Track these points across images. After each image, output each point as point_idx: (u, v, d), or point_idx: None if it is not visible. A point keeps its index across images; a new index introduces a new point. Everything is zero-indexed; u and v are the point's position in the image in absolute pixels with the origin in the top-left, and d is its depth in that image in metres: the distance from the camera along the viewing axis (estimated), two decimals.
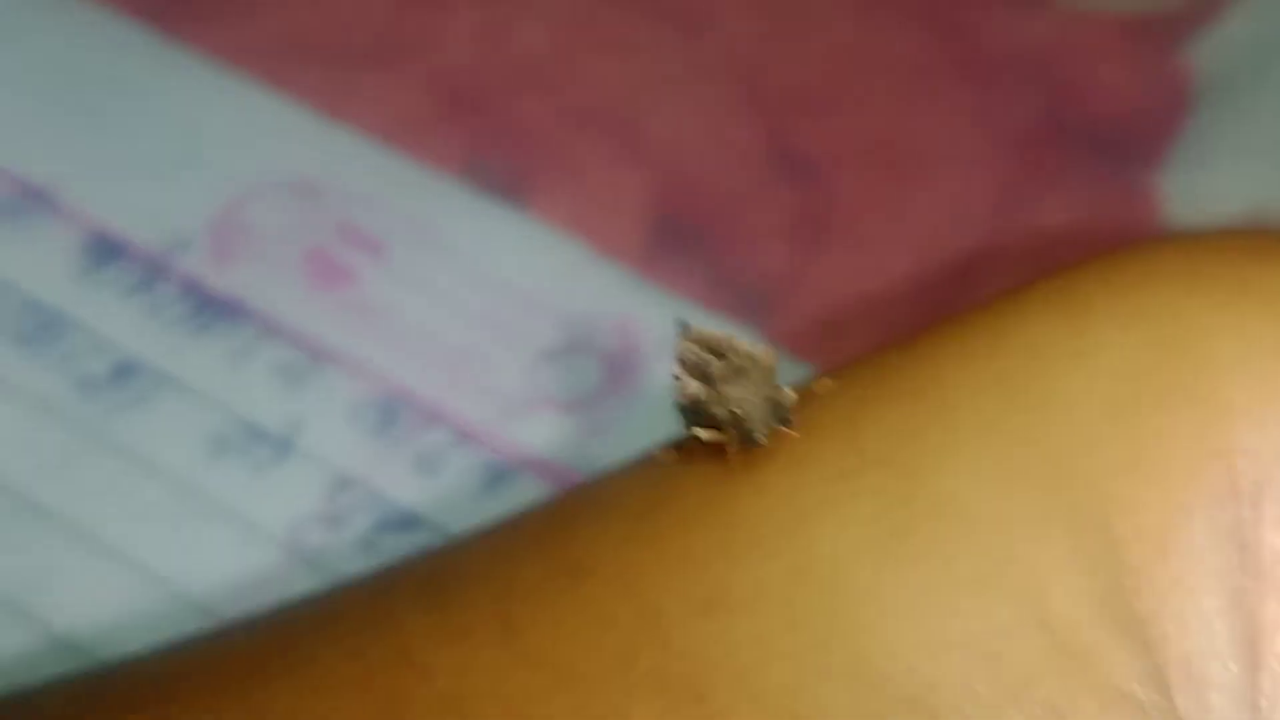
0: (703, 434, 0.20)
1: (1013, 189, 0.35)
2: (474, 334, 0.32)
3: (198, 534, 0.30)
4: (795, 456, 0.20)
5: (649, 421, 0.31)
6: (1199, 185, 0.35)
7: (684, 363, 0.21)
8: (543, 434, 0.31)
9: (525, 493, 0.30)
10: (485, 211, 0.34)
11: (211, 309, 0.32)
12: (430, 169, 0.34)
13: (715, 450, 0.20)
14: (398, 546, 0.30)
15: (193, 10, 0.37)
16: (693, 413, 0.21)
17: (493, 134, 0.35)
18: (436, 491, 0.30)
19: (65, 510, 0.30)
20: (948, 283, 0.34)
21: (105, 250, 0.33)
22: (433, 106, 0.36)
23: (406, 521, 0.30)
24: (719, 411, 0.20)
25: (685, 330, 0.21)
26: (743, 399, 0.20)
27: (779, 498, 0.20)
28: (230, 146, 0.35)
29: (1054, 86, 0.37)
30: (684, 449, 0.21)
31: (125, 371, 0.32)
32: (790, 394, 0.20)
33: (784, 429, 0.20)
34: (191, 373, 0.31)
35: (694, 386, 0.21)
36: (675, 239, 0.34)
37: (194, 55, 0.36)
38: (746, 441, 0.20)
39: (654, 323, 0.32)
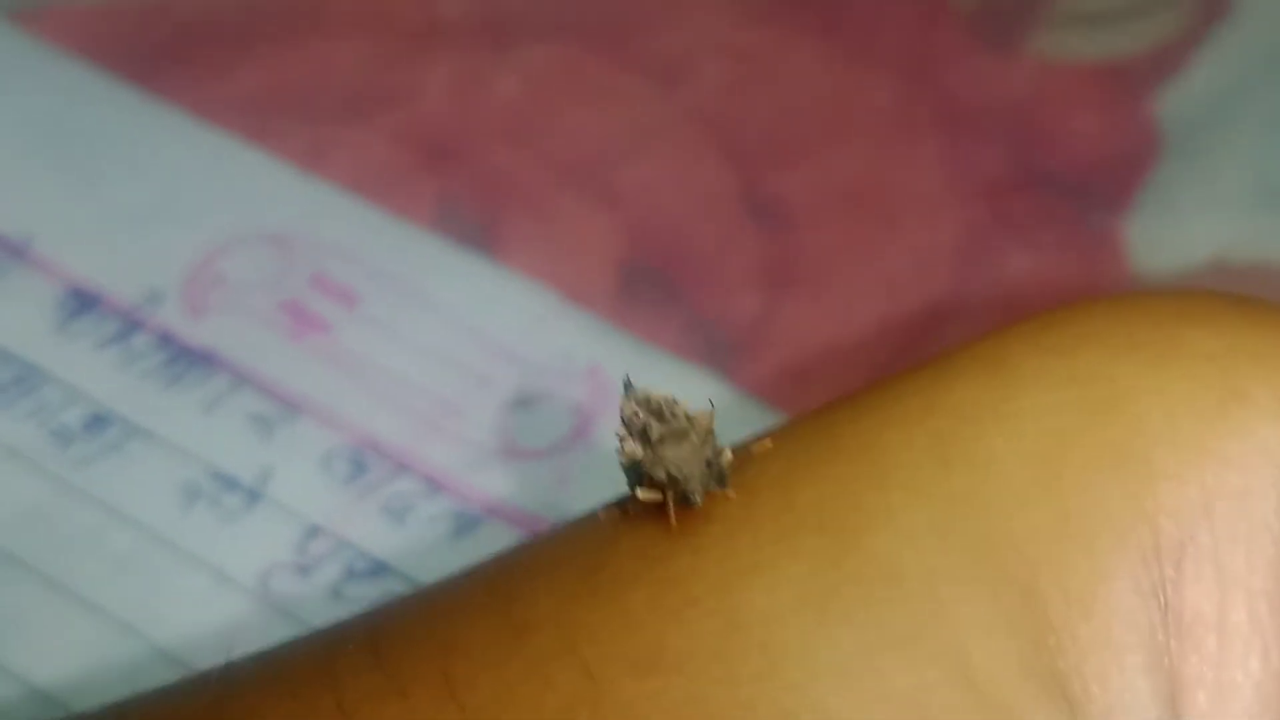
0: (642, 494, 0.21)
1: (980, 236, 0.35)
2: (444, 383, 0.32)
3: (169, 583, 0.30)
4: (732, 517, 0.20)
5: (618, 470, 0.31)
6: (1165, 233, 0.35)
7: (626, 423, 0.21)
8: (512, 482, 0.31)
9: (494, 541, 0.30)
10: (456, 261, 0.34)
11: (185, 360, 0.33)
12: (403, 220, 0.35)
13: (655, 510, 0.21)
14: (367, 595, 0.30)
15: (169, 65, 0.37)
16: (634, 473, 0.21)
17: (465, 183, 0.36)
18: (405, 540, 0.30)
19: (37, 560, 0.30)
20: (915, 329, 0.34)
21: (80, 302, 0.33)
22: (406, 157, 0.36)
23: (375, 570, 0.30)
24: (657, 472, 0.21)
25: (629, 390, 0.22)
26: (680, 460, 0.20)
27: (715, 558, 0.20)
28: (206, 199, 0.35)
29: (1023, 134, 0.37)
30: (626, 508, 0.21)
31: (98, 422, 0.32)
32: (728, 455, 0.21)
33: (721, 490, 0.20)
34: (164, 423, 0.32)
35: (633, 447, 0.21)
36: (646, 286, 0.35)
37: (170, 109, 0.36)
38: (684, 502, 0.20)
39: (624, 370, 0.33)
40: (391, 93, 0.37)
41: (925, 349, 0.34)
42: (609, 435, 0.32)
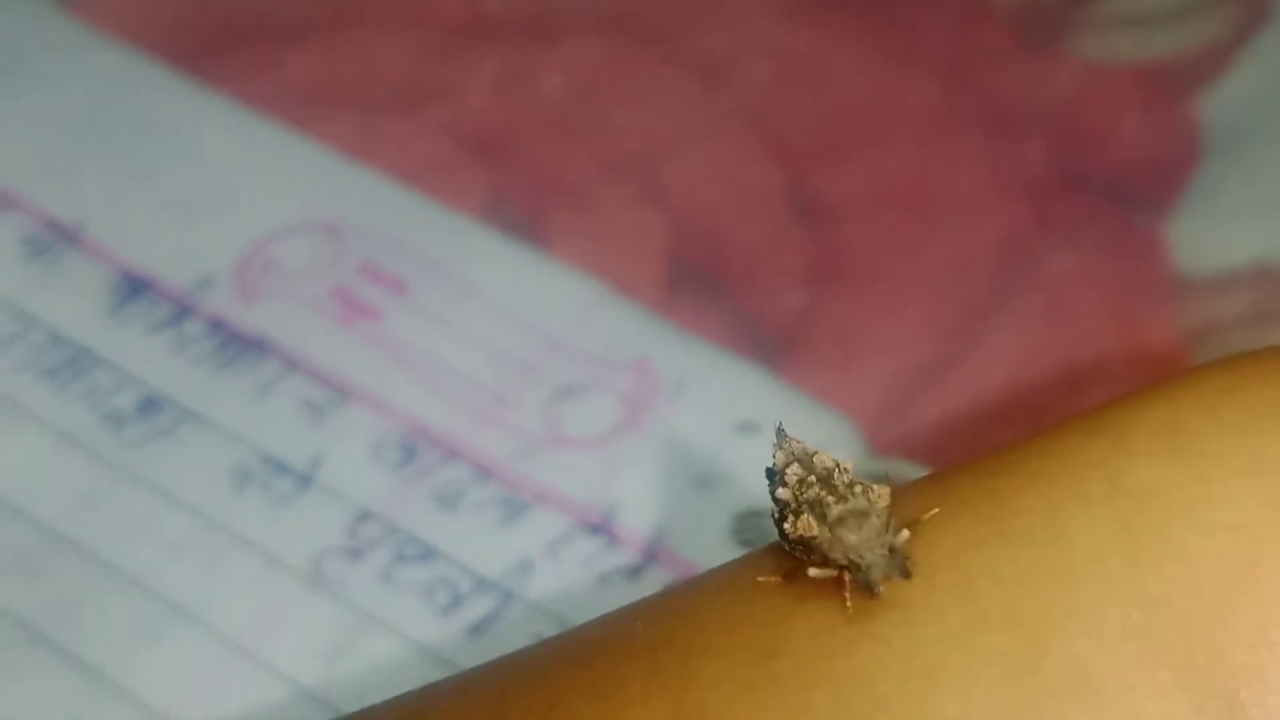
0: (815, 573, 0.20)
1: (1022, 236, 0.35)
2: (493, 372, 0.33)
3: (221, 566, 0.30)
4: (911, 603, 0.19)
5: (666, 460, 0.32)
6: (1208, 235, 0.35)
7: (788, 484, 0.21)
8: (560, 471, 0.31)
9: (542, 529, 0.31)
10: (505, 251, 0.34)
11: (236, 345, 0.33)
12: (452, 210, 0.35)
13: (822, 585, 0.20)
14: (417, 579, 0.30)
15: (223, 56, 0.37)
16: (802, 547, 0.20)
17: (514, 177, 0.36)
18: (455, 526, 0.31)
19: (91, 542, 0.31)
20: (957, 327, 0.34)
21: (132, 287, 0.34)
22: (455, 150, 0.37)
23: (425, 555, 0.30)
24: (835, 554, 0.20)
25: (781, 439, 0.21)
26: (863, 547, 0.20)
27: (899, 652, 0.19)
28: (257, 188, 0.35)
29: (1065, 135, 0.37)
30: (790, 578, 0.20)
31: (151, 406, 0.32)
32: (906, 535, 0.20)
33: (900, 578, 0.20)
34: (216, 408, 0.32)
35: (808, 523, 0.20)
36: (693, 281, 0.35)
37: (223, 99, 0.36)
38: (862, 589, 0.19)
39: (671, 362, 0.33)
40: (438, 86, 0.38)
41: (968, 347, 0.34)
42: (656, 425, 0.32)
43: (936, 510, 0.20)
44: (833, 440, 0.32)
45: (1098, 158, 0.37)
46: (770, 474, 0.21)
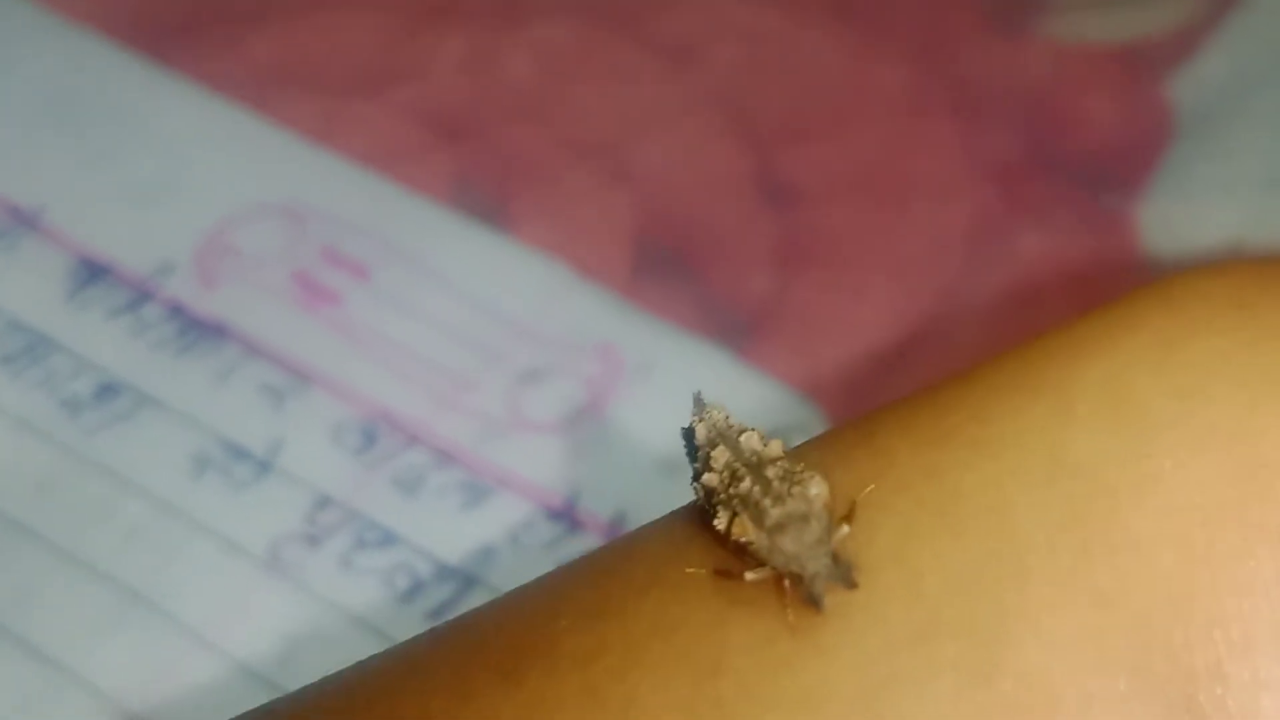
0: (751, 577, 0.19)
1: (993, 218, 0.35)
2: (456, 356, 0.32)
3: (179, 552, 0.30)
4: (855, 611, 0.18)
5: (629, 445, 0.31)
6: (1178, 216, 0.35)
7: (714, 468, 0.19)
8: (522, 455, 0.31)
9: (504, 514, 0.30)
10: (468, 235, 0.34)
11: (196, 330, 0.33)
12: (415, 194, 0.35)
13: (759, 585, 0.19)
14: (376, 565, 0.30)
15: (183, 38, 0.37)
16: (739, 550, 0.19)
17: (480, 159, 0.36)
18: (416, 511, 0.30)
19: (47, 529, 0.30)
20: (927, 310, 0.34)
21: (91, 272, 0.33)
22: (420, 133, 0.36)
23: (385, 540, 0.30)
24: (773, 562, 0.18)
25: (705, 414, 0.20)
26: (804, 555, 0.18)
27: (846, 669, 0.18)
28: (217, 171, 0.35)
29: (1036, 118, 0.37)
30: (722, 575, 0.19)
31: (109, 392, 0.32)
32: (846, 535, 0.19)
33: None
34: (175, 393, 0.32)
35: (748, 530, 0.19)
36: (660, 264, 0.34)
37: (183, 82, 0.36)
38: (804, 600, 0.18)
39: (635, 346, 0.33)
40: (403, 68, 0.37)
41: (937, 330, 0.34)
42: (621, 410, 0.32)
43: (872, 487, 0.19)
44: (799, 424, 0.32)
45: (1068, 140, 0.37)
46: (689, 440, 0.20)
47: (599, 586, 0.20)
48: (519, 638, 0.20)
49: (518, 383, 0.32)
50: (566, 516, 0.30)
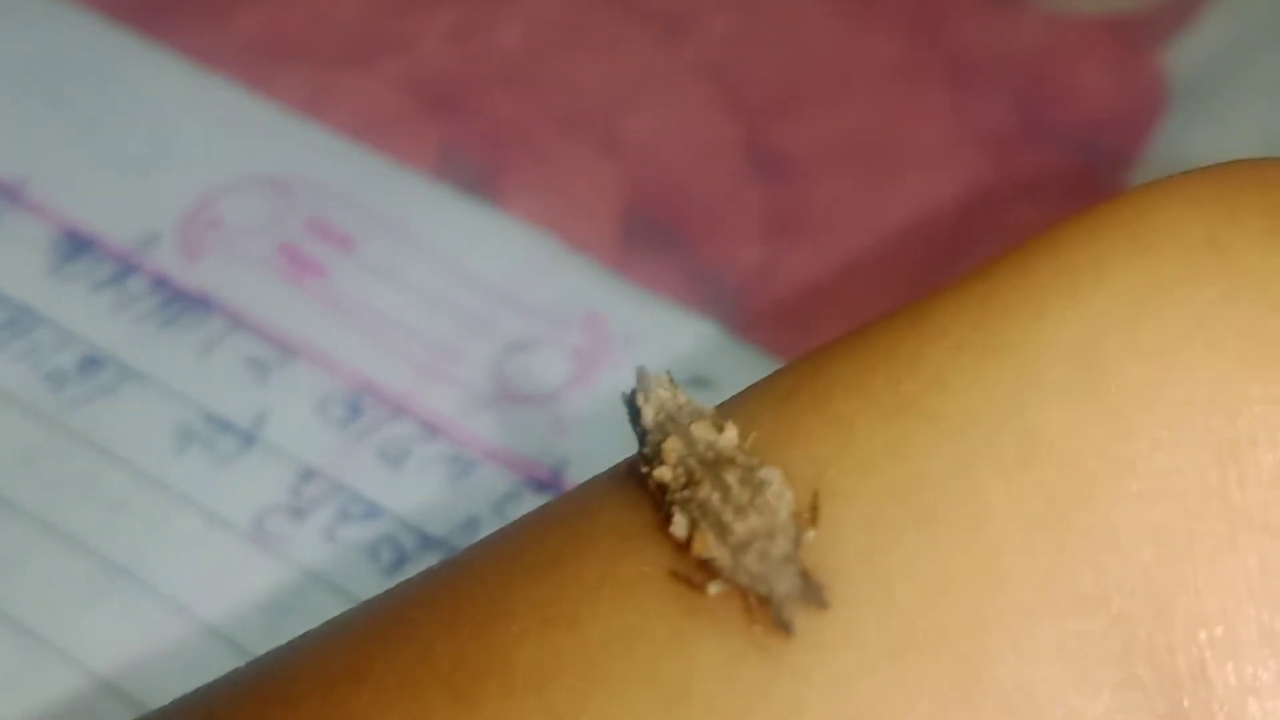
0: (715, 590, 0.18)
1: (985, 189, 0.35)
2: (442, 327, 0.32)
3: (163, 525, 0.30)
4: (825, 625, 0.17)
5: (616, 417, 0.31)
6: None
7: (666, 460, 0.18)
8: (509, 427, 0.31)
9: (490, 486, 0.30)
10: (455, 206, 0.34)
11: (180, 302, 0.32)
12: (402, 165, 0.34)
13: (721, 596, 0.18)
14: (361, 537, 0.30)
15: (167, 8, 0.37)
16: (699, 561, 0.18)
17: (468, 130, 0.35)
18: (401, 484, 0.30)
19: (30, 502, 0.30)
20: (918, 281, 0.34)
21: (75, 245, 0.33)
22: (409, 103, 0.36)
23: (370, 513, 0.30)
24: (738, 580, 0.17)
25: (651, 391, 0.19)
26: (771, 576, 0.17)
27: (820, 691, 0.17)
28: (202, 143, 0.35)
29: (1030, 87, 0.37)
30: (677, 578, 0.18)
31: (92, 365, 0.32)
32: (813, 539, 0.17)
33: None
34: (159, 366, 0.32)
35: (710, 546, 0.18)
36: (650, 236, 0.34)
37: (167, 53, 0.36)
38: (772, 622, 0.17)
39: (623, 317, 0.32)
40: (393, 39, 0.37)
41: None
42: (608, 382, 0.32)
43: (833, 472, 0.18)
44: None
45: (1062, 110, 0.37)
46: (631, 410, 0.19)
47: (548, 578, 0.19)
48: (467, 647, 0.18)
49: (504, 354, 0.32)
50: (553, 488, 0.30)
